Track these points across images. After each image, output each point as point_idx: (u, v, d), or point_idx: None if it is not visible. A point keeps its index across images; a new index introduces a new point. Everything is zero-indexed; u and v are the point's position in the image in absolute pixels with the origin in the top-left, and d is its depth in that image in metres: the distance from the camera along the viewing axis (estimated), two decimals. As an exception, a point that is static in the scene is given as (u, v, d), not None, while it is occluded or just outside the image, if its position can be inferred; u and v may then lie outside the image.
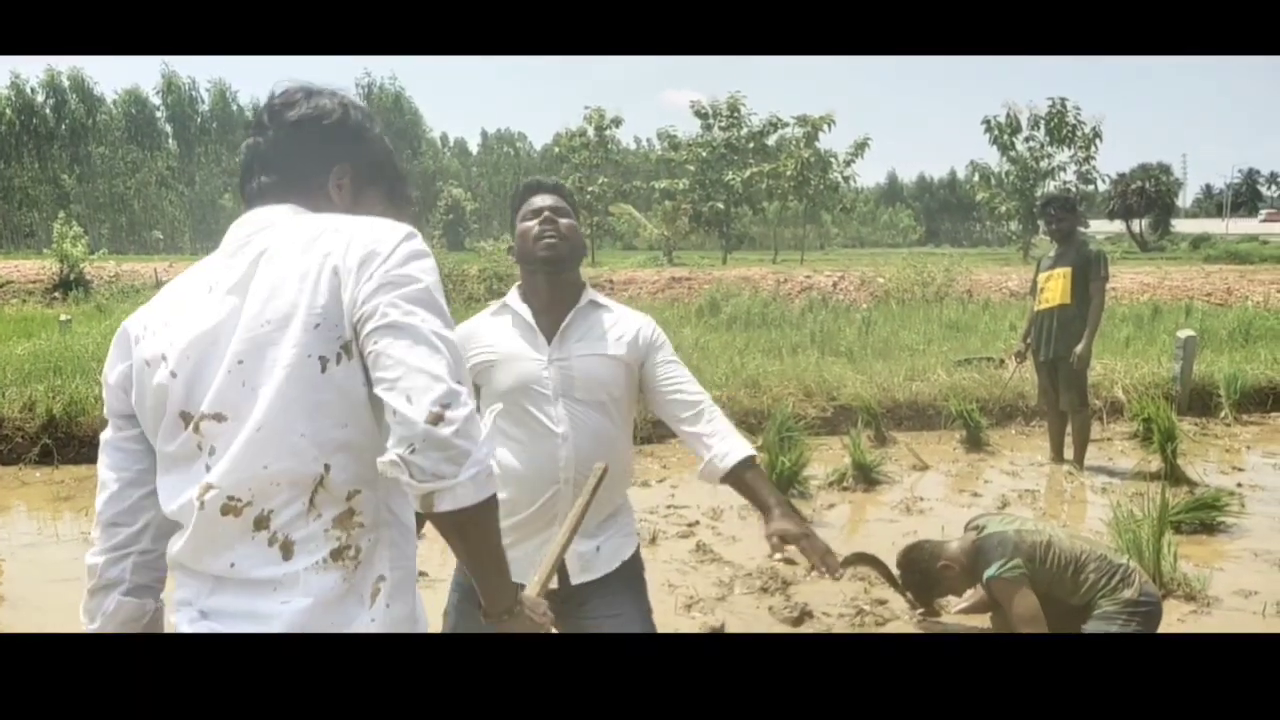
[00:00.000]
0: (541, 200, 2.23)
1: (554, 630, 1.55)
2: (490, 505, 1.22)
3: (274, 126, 1.42)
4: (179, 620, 1.33)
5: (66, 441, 6.54)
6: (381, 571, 1.31)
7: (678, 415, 2.18)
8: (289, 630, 1.24)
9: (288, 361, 1.22)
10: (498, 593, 1.34)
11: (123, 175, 42.85)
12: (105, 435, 1.44)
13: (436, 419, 1.15)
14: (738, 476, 2.09)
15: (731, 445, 2.10)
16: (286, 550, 1.24)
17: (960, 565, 3.68)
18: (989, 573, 3.55)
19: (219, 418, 1.24)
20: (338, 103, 1.45)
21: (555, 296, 2.19)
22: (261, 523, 1.24)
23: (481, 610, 1.37)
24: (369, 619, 1.29)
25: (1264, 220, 59.36)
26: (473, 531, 1.24)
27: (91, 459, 1.66)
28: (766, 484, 2.12)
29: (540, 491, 2.10)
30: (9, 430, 6.67)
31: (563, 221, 2.17)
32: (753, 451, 2.12)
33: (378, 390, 1.20)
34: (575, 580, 2.15)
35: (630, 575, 2.24)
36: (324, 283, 1.24)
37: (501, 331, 2.20)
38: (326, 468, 1.24)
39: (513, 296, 2.25)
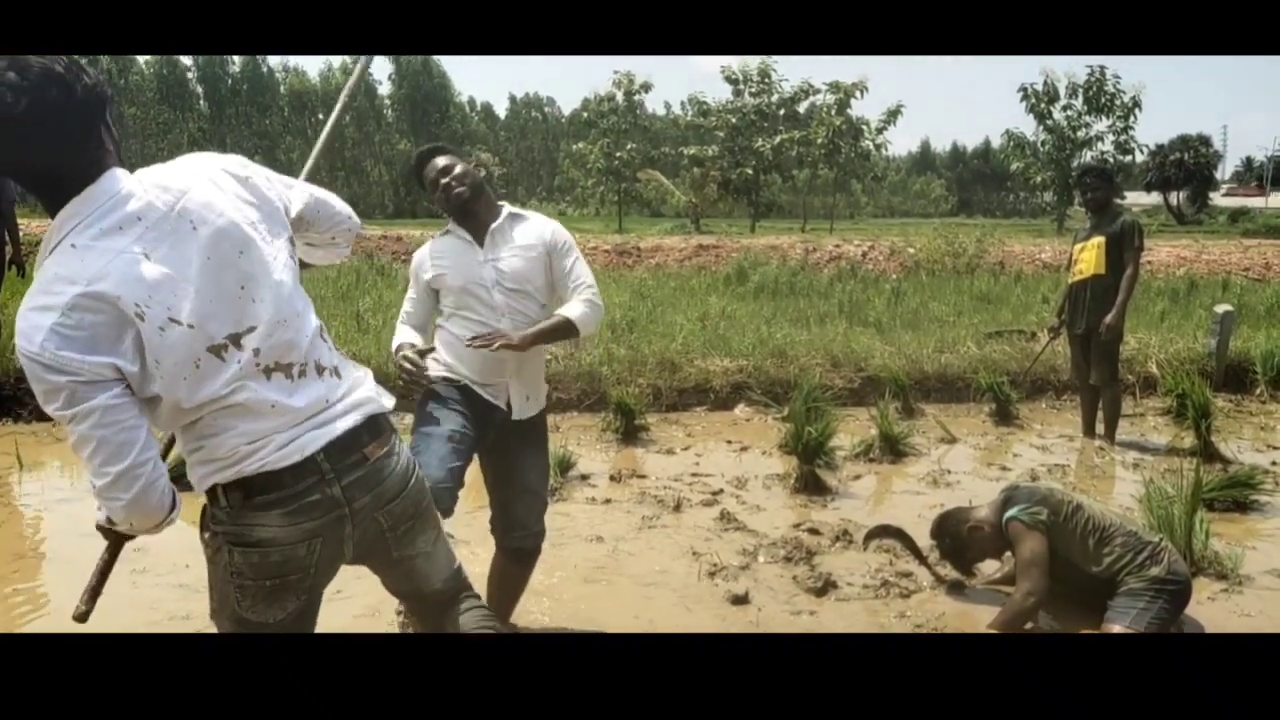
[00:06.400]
0: (441, 161, 2.97)
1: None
2: None
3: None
4: (267, 449, 1.72)
5: (99, 399, 6.60)
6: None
7: (562, 297, 2.97)
8: (376, 394, 1.92)
9: (280, 263, 1.77)
10: None
11: (155, 136, 43.03)
12: (106, 400, 1.56)
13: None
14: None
15: (566, 308, 2.92)
16: (336, 373, 1.88)
17: (990, 525, 3.68)
18: (1010, 513, 3.55)
19: (251, 330, 1.71)
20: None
21: (479, 220, 2.98)
22: (321, 370, 1.84)
23: None
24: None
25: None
26: None
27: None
28: (550, 322, 2.90)
29: (487, 353, 2.84)
30: (43, 387, 6.76)
31: (458, 170, 2.93)
32: (571, 315, 2.88)
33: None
34: (515, 416, 3.02)
35: (541, 425, 3.15)
36: (252, 204, 1.75)
37: (449, 247, 3.03)
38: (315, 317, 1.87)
39: (452, 224, 3.03)
